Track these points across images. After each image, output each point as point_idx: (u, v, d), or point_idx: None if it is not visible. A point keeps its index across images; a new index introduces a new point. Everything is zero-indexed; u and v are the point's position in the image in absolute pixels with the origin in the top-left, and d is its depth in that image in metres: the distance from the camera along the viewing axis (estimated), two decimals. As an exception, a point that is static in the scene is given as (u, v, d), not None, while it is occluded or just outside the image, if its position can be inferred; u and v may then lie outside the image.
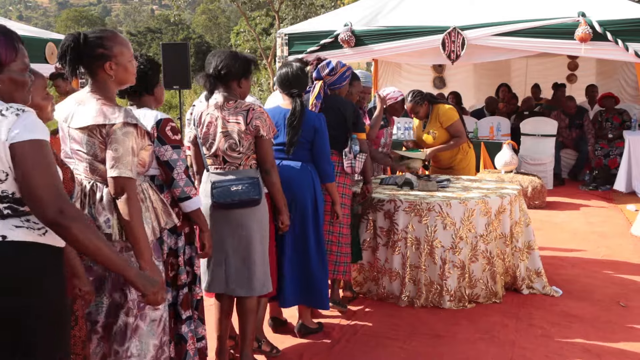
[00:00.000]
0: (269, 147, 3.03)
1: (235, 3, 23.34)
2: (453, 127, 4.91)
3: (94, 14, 66.20)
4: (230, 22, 48.24)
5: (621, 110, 8.46)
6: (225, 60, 3.00)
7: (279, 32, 7.86)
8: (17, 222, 1.75)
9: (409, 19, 7.01)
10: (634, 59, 6.17)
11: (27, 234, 1.75)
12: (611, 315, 3.89)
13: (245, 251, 3.01)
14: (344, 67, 3.79)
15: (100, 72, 2.29)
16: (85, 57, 2.27)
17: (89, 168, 2.32)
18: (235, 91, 3.04)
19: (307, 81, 3.55)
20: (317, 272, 3.48)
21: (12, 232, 1.73)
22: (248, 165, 3.03)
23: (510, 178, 7.00)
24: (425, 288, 3.97)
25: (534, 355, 3.35)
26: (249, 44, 26.17)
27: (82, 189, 2.33)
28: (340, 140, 3.73)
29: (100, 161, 2.29)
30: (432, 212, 3.91)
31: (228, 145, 2.99)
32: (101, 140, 2.26)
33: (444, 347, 3.45)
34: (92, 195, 2.32)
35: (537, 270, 4.26)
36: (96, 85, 2.32)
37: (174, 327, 2.78)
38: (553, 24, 6.29)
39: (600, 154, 8.12)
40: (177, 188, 2.65)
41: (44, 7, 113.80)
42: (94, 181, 2.33)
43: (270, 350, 3.41)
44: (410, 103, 4.94)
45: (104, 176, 2.29)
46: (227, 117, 2.99)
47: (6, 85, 1.81)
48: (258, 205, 2.99)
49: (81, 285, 2.23)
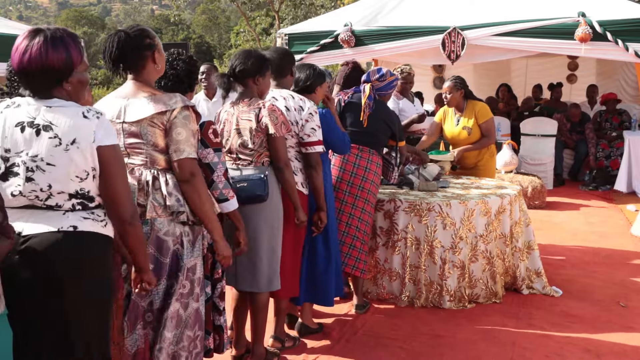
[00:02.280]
0: (280, 145, 3.05)
1: (235, 3, 23.37)
2: (487, 124, 4.80)
3: (93, 14, 66.14)
4: (230, 22, 48.26)
5: (621, 111, 8.46)
6: (240, 59, 3.07)
7: (279, 32, 7.86)
8: (85, 214, 1.95)
9: (409, 19, 7.01)
10: (634, 59, 6.17)
11: (92, 225, 1.95)
12: (611, 315, 3.89)
13: (252, 247, 3.04)
14: (392, 76, 3.97)
15: (148, 62, 2.43)
16: (134, 50, 2.39)
17: (149, 159, 2.42)
18: (251, 89, 3.09)
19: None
20: (322, 268, 3.49)
21: (82, 223, 1.93)
22: (260, 162, 3.08)
23: (510, 178, 7.00)
24: (425, 288, 3.97)
25: (534, 355, 3.35)
26: (249, 44, 26.18)
27: (143, 179, 2.41)
28: (381, 144, 3.97)
29: (159, 150, 2.40)
30: (432, 212, 3.91)
31: (240, 142, 3.06)
32: (162, 128, 2.36)
33: (444, 347, 3.45)
34: (155, 182, 2.41)
35: (537, 270, 4.26)
36: (141, 78, 2.44)
37: (212, 319, 2.85)
38: (553, 24, 6.28)
39: (602, 156, 8.12)
40: (217, 190, 2.69)
41: (44, 7, 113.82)
42: (155, 170, 2.42)
43: (293, 344, 3.49)
44: (450, 82, 4.89)
45: (163, 164, 2.41)
46: (240, 115, 3.06)
47: (75, 86, 1.98)
48: (265, 202, 3.01)
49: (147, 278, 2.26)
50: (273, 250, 3.11)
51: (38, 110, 1.91)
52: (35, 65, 1.88)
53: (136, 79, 2.44)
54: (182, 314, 2.49)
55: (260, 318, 3.18)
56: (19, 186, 1.89)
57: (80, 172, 1.91)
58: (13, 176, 1.90)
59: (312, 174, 3.28)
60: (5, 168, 1.91)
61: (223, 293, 2.86)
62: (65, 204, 1.92)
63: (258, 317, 3.18)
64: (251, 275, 3.09)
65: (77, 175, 1.91)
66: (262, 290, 3.12)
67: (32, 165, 1.89)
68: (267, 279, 3.10)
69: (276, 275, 3.14)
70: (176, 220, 2.44)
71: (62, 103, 1.94)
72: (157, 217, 2.41)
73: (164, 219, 2.42)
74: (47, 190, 1.90)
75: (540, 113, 9.08)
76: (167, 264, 2.45)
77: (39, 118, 1.90)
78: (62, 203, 1.92)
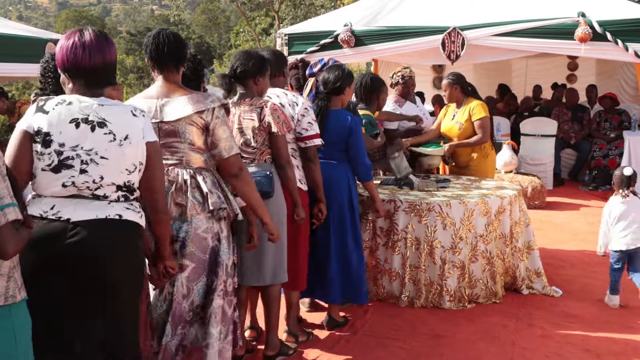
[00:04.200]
0: (282, 143, 3.10)
1: (235, 3, 23.38)
2: (480, 122, 4.81)
3: (93, 14, 66.21)
4: (230, 22, 48.25)
5: (620, 111, 8.45)
6: (241, 60, 3.11)
7: (278, 32, 7.86)
8: (127, 205, 2.11)
9: (409, 19, 7.00)
10: (633, 59, 6.16)
11: (133, 215, 2.11)
12: (611, 315, 3.89)
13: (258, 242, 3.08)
14: (337, 61, 3.86)
15: (182, 65, 2.55)
16: (181, 52, 2.52)
17: (185, 158, 2.49)
18: (252, 89, 3.13)
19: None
20: (356, 268, 3.62)
21: (125, 213, 2.09)
22: (262, 160, 3.11)
23: (510, 178, 7.00)
24: (425, 288, 3.97)
25: (534, 355, 3.35)
26: (249, 44, 26.19)
27: (180, 178, 2.49)
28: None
29: (196, 149, 2.48)
30: (432, 212, 3.91)
31: (243, 141, 3.09)
32: (199, 127, 2.44)
33: (444, 347, 3.45)
34: (192, 181, 2.48)
35: (537, 270, 4.26)
36: (174, 79, 2.53)
37: None
38: (553, 24, 6.27)
39: (599, 155, 8.12)
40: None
41: (44, 7, 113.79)
42: (191, 169, 2.49)
43: (307, 338, 3.55)
44: (445, 80, 4.96)
45: (199, 163, 2.49)
46: (242, 114, 3.09)
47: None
48: (271, 198, 3.05)
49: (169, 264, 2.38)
50: (279, 244, 3.15)
51: (90, 108, 2.07)
52: (100, 61, 2.07)
53: (167, 80, 2.52)
54: (228, 310, 2.57)
55: (273, 309, 3.24)
56: (73, 177, 2.03)
57: (130, 165, 2.09)
58: (66, 168, 2.03)
59: (311, 167, 3.33)
60: (58, 161, 2.03)
61: (234, 289, 2.90)
62: (112, 194, 2.08)
63: (272, 309, 3.24)
64: (257, 269, 3.14)
65: (127, 168, 2.09)
66: (267, 283, 3.17)
67: (86, 159, 2.04)
68: (272, 272, 3.15)
69: (282, 268, 3.18)
70: (215, 217, 2.51)
71: (112, 102, 2.12)
72: (196, 215, 2.47)
73: (202, 216, 2.49)
74: (99, 181, 2.06)
75: (540, 113, 9.08)
76: (206, 260, 2.51)
77: (92, 115, 2.06)
78: (109, 194, 2.08)
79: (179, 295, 2.50)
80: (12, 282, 1.79)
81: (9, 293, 1.78)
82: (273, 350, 3.27)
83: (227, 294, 2.57)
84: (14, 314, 1.79)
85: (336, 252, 3.59)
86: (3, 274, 1.77)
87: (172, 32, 2.52)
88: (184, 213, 2.47)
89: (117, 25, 76.02)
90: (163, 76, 2.52)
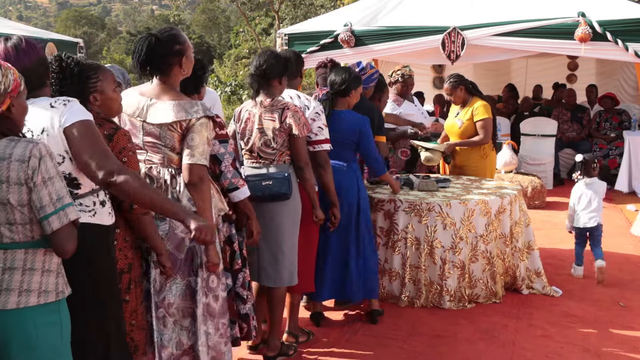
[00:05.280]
0: (301, 145, 3.12)
1: (235, 3, 23.38)
2: (482, 123, 4.80)
3: (93, 14, 66.19)
4: (230, 22, 48.23)
5: (620, 111, 8.45)
6: (268, 59, 3.10)
7: (278, 32, 7.86)
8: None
9: (409, 19, 7.00)
10: (633, 59, 6.16)
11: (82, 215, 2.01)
12: (611, 315, 3.89)
13: (275, 243, 3.11)
14: (372, 68, 3.94)
15: (175, 67, 2.46)
16: (162, 56, 2.43)
17: (166, 158, 2.48)
18: (275, 88, 3.14)
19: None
20: (372, 265, 3.70)
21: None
22: (282, 161, 3.13)
23: (510, 178, 7.00)
24: (425, 288, 3.97)
25: (534, 355, 3.35)
26: (249, 44, 26.18)
27: (161, 177, 2.48)
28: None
29: (177, 153, 2.46)
30: (432, 212, 3.91)
31: (263, 141, 3.10)
32: (180, 133, 2.43)
33: (444, 347, 3.45)
34: (173, 181, 2.47)
35: (537, 270, 4.26)
36: (167, 81, 2.49)
37: (237, 308, 2.90)
38: (553, 24, 6.27)
39: (600, 155, 8.12)
40: (226, 180, 2.75)
41: (44, 7, 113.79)
42: (172, 169, 2.48)
43: (307, 339, 3.55)
44: (447, 84, 4.96)
45: (179, 164, 2.46)
46: (263, 115, 3.10)
47: None
48: (288, 200, 3.06)
49: (164, 262, 2.39)
50: (294, 245, 3.18)
51: None
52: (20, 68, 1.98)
53: (162, 81, 2.49)
54: (215, 306, 2.56)
55: (277, 311, 3.25)
56: None
57: (57, 157, 1.97)
58: None
59: (321, 172, 3.33)
60: None
61: (246, 282, 2.91)
62: None
63: (275, 311, 3.25)
64: (274, 270, 3.15)
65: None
66: (285, 284, 3.19)
67: None
68: (289, 273, 3.18)
69: (296, 270, 3.21)
70: None
71: (35, 99, 2.09)
72: None
73: None
74: None
75: (540, 113, 9.08)
76: (182, 260, 2.51)
77: None
78: None
79: (153, 291, 2.51)
80: (61, 278, 1.87)
81: (59, 289, 1.86)
82: (274, 350, 3.28)
83: (211, 290, 2.55)
84: (62, 309, 1.87)
85: (337, 253, 3.62)
86: (53, 270, 1.84)
87: (158, 37, 2.42)
88: None
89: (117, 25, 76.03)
90: (159, 77, 2.49)
